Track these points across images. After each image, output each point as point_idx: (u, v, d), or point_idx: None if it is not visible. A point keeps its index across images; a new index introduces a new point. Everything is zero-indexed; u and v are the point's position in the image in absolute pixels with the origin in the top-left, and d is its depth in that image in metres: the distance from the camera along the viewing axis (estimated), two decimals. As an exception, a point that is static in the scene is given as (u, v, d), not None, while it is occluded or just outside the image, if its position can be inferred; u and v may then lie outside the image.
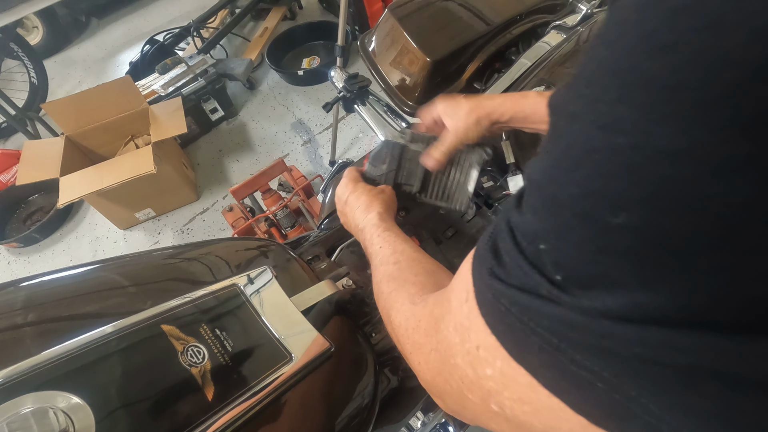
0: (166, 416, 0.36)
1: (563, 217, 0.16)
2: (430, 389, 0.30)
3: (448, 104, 0.58)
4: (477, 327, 0.21)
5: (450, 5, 0.85)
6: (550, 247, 0.16)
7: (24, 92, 2.22)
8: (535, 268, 0.17)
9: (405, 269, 0.41)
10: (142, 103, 1.78)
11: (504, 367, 0.19)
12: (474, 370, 0.22)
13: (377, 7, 2.25)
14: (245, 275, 0.48)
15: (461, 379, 0.23)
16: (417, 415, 0.69)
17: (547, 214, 0.17)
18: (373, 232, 0.50)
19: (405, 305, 0.35)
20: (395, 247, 0.45)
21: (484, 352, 0.21)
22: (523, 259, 0.17)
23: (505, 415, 0.21)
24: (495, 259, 0.19)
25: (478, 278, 0.21)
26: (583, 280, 0.15)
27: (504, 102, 0.55)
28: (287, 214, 1.48)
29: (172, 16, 3.04)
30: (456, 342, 0.23)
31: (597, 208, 0.14)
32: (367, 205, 0.54)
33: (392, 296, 0.38)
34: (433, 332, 0.27)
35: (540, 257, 0.17)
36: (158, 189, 1.74)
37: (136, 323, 0.40)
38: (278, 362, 0.41)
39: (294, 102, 2.25)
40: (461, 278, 0.24)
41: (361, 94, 0.80)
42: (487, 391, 0.21)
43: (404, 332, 0.33)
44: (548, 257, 0.16)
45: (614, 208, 0.14)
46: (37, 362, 0.35)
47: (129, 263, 0.49)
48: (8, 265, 1.85)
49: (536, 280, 0.17)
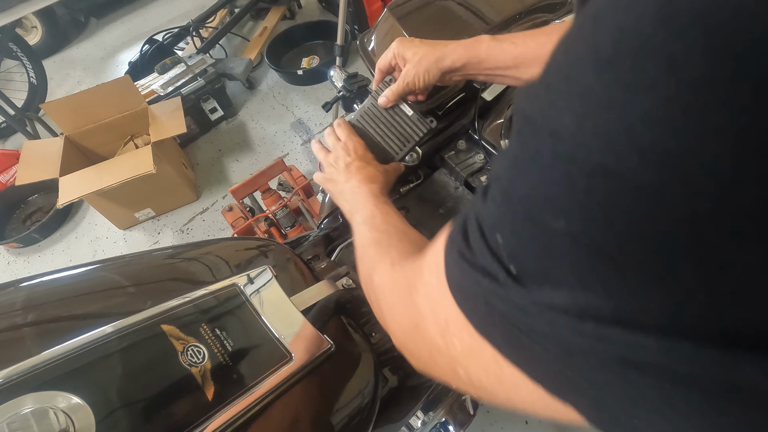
0: (166, 416, 0.36)
1: (516, 215, 0.16)
2: (401, 348, 0.32)
3: (403, 47, 0.58)
4: (445, 301, 0.22)
5: (449, 4, 0.85)
6: (505, 241, 0.17)
7: (23, 92, 2.21)
8: (494, 256, 0.18)
9: (393, 237, 0.43)
10: (142, 103, 1.78)
11: (470, 340, 0.21)
12: (443, 338, 0.23)
13: (376, 6, 2.24)
14: (245, 275, 0.48)
15: (432, 344, 0.25)
16: (417, 415, 0.69)
17: (504, 209, 0.17)
18: (368, 198, 0.51)
19: (386, 267, 0.37)
20: (387, 218, 0.47)
21: (453, 326, 0.22)
22: (485, 247, 0.18)
23: (470, 381, 0.23)
24: (464, 242, 0.20)
25: (449, 257, 0.22)
26: (532, 275, 0.16)
27: (457, 48, 0.54)
28: (287, 213, 1.48)
29: (172, 15, 3.03)
30: (427, 310, 0.25)
31: (541, 211, 0.15)
32: (372, 177, 0.55)
33: (375, 259, 0.40)
34: (406, 296, 0.29)
35: (498, 248, 0.18)
36: (158, 189, 1.74)
37: (136, 323, 0.40)
38: (278, 362, 0.41)
39: (293, 101, 2.25)
40: (435, 251, 0.25)
41: (360, 94, 0.80)
42: (454, 358, 0.23)
43: (381, 292, 0.35)
44: (504, 249, 0.17)
45: (555, 213, 0.14)
46: (37, 362, 0.35)
47: (129, 263, 0.49)
48: (8, 265, 1.85)
49: (495, 267, 0.18)
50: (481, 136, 0.79)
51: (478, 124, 0.80)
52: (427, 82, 0.57)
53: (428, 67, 0.56)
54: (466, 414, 0.77)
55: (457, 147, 0.82)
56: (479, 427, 1.22)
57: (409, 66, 0.57)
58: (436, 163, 0.83)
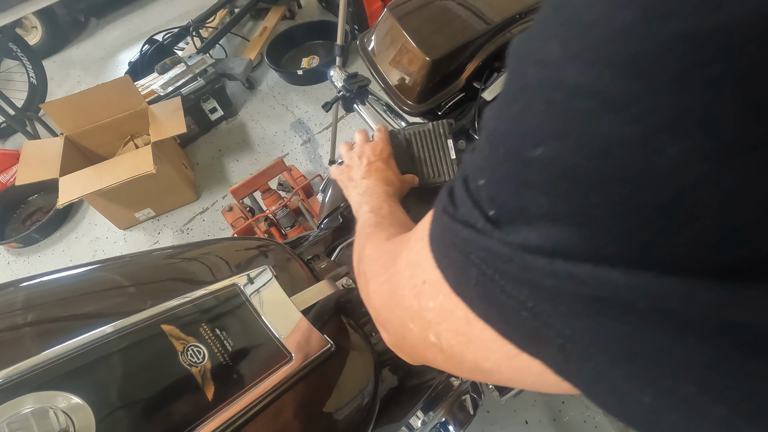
0: (167, 416, 0.36)
1: (498, 152, 0.17)
2: (376, 318, 0.33)
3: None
4: (425, 263, 0.23)
5: (449, 4, 0.85)
6: (486, 182, 0.17)
7: (23, 92, 2.21)
8: (475, 204, 0.18)
9: (394, 222, 0.44)
10: (142, 103, 1.78)
11: (444, 300, 0.21)
12: (418, 301, 0.24)
13: (376, 6, 2.24)
14: (245, 275, 0.48)
15: (406, 309, 0.25)
16: (417, 414, 0.69)
17: (488, 150, 0.18)
18: (380, 196, 0.53)
19: (380, 240, 0.38)
20: (393, 211, 0.48)
21: (429, 286, 0.23)
22: (467, 197, 0.19)
23: (440, 345, 0.23)
24: (449, 198, 0.20)
25: (434, 217, 0.23)
26: (509, 214, 0.16)
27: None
28: (287, 213, 1.48)
29: (171, 15, 3.03)
30: (406, 276, 0.26)
31: (522, 142, 0.15)
32: (390, 180, 0.58)
33: (372, 235, 0.41)
34: (390, 265, 0.29)
35: (479, 193, 0.18)
36: (158, 189, 1.74)
37: (136, 323, 0.40)
38: (278, 362, 0.41)
39: (293, 101, 2.25)
40: (425, 219, 0.26)
41: (360, 94, 0.80)
42: (427, 321, 0.23)
43: (368, 261, 0.36)
44: (485, 192, 0.18)
45: (534, 141, 0.15)
46: (37, 362, 0.35)
47: (129, 263, 0.49)
48: (8, 266, 1.85)
49: (475, 215, 0.18)
50: (481, 136, 0.79)
51: (478, 124, 0.80)
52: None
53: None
54: (466, 414, 0.77)
55: (457, 147, 0.82)
56: (479, 427, 1.22)
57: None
58: (436, 163, 0.83)
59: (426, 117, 0.88)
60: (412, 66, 0.81)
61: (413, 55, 0.80)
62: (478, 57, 0.84)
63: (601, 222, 0.13)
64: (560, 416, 1.22)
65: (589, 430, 1.20)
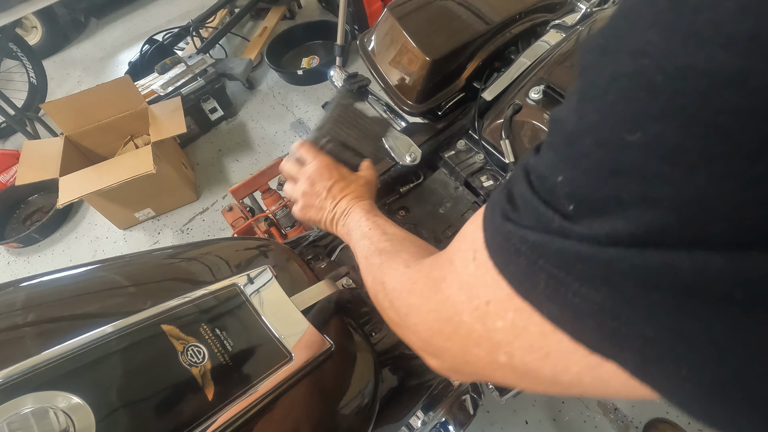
0: (167, 416, 0.36)
1: (582, 144, 0.16)
2: (426, 348, 0.31)
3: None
4: (486, 282, 0.22)
5: (449, 4, 0.85)
6: (565, 178, 0.17)
7: (23, 92, 2.21)
8: (548, 204, 0.18)
9: (397, 244, 0.42)
10: (142, 103, 1.78)
11: (515, 317, 0.20)
12: (483, 324, 0.23)
13: (376, 6, 2.24)
14: (245, 275, 0.48)
15: (468, 334, 0.24)
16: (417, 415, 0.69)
17: (566, 146, 0.17)
18: (362, 216, 0.49)
19: (399, 269, 0.36)
20: (385, 229, 0.46)
21: (495, 306, 0.22)
22: (536, 198, 0.18)
23: (513, 364, 0.22)
24: (509, 204, 0.20)
25: (490, 224, 0.22)
26: (593, 205, 0.16)
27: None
28: (287, 213, 1.48)
29: (172, 15, 3.03)
30: (462, 300, 0.24)
31: (615, 130, 0.15)
32: (359, 193, 0.54)
33: (385, 264, 0.38)
34: (432, 293, 0.28)
35: (554, 192, 0.17)
36: (158, 189, 1.74)
37: (136, 323, 0.40)
38: (278, 362, 0.41)
39: (293, 101, 2.25)
40: (465, 238, 0.25)
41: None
42: (496, 343, 0.22)
43: (398, 295, 0.33)
44: (562, 189, 0.17)
45: (632, 127, 0.14)
46: (37, 362, 0.35)
47: (129, 263, 0.49)
48: (8, 266, 1.85)
49: (548, 216, 0.17)
50: (481, 136, 0.79)
51: (478, 124, 0.80)
52: None
53: None
54: (466, 414, 0.77)
55: (457, 147, 0.82)
56: (479, 427, 1.22)
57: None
58: (436, 163, 0.83)
59: (426, 117, 0.88)
60: (412, 66, 0.81)
61: (413, 55, 0.80)
62: (479, 57, 0.84)
63: (706, 201, 0.13)
64: (560, 416, 1.22)
65: (589, 430, 1.20)
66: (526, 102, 0.73)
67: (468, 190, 0.78)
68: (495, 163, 0.77)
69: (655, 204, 0.14)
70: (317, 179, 0.55)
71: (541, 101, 0.72)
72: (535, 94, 0.72)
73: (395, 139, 0.74)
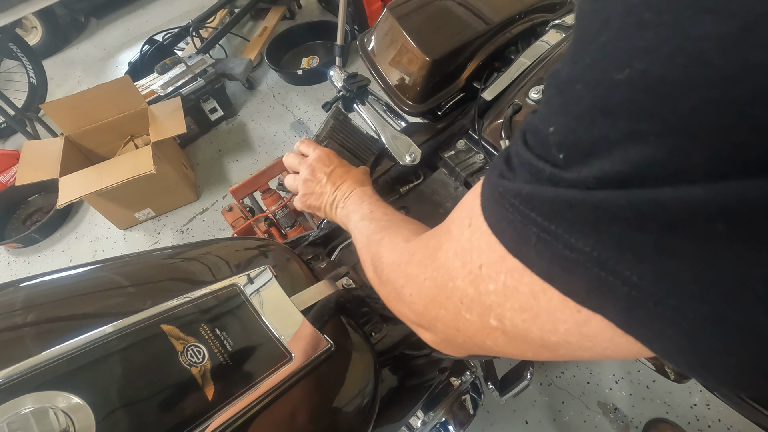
0: (167, 416, 0.36)
1: (573, 90, 0.16)
2: (420, 320, 0.31)
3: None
4: (480, 246, 0.22)
5: (449, 4, 0.85)
6: (556, 127, 0.17)
7: (23, 92, 2.21)
8: (539, 156, 0.18)
9: (397, 222, 0.42)
10: (142, 103, 1.78)
11: (507, 278, 0.21)
12: (476, 288, 0.23)
13: (376, 6, 2.24)
14: (245, 275, 0.48)
15: (460, 299, 0.25)
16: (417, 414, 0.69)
17: (559, 96, 0.17)
18: (363, 198, 0.50)
19: (399, 244, 0.36)
20: (386, 210, 0.47)
21: (487, 268, 0.22)
22: (530, 154, 0.18)
23: (503, 327, 0.23)
24: (506, 164, 0.20)
25: (487, 186, 0.22)
26: (583, 150, 0.16)
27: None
28: (287, 213, 1.48)
29: (171, 16, 3.03)
30: (456, 266, 0.25)
31: (605, 70, 0.15)
32: (360, 179, 0.55)
33: (385, 240, 0.39)
34: (429, 262, 0.29)
35: (546, 143, 0.18)
36: (158, 189, 1.74)
37: (136, 323, 0.40)
38: (278, 362, 0.41)
39: (293, 102, 2.25)
40: (464, 206, 0.26)
41: (360, 94, 0.80)
42: (488, 306, 0.23)
43: (396, 267, 0.34)
44: (554, 139, 0.17)
45: (620, 64, 0.14)
46: (37, 362, 0.35)
47: (129, 263, 0.49)
48: (8, 266, 1.85)
49: (539, 167, 0.18)
50: (481, 136, 0.79)
51: (478, 124, 0.80)
52: None
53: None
54: (466, 414, 0.77)
55: (457, 147, 0.82)
56: (479, 427, 1.22)
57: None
58: (436, 163, 0.83)
59: (426, 117, 0.88)
60: (411, 66, 0.81)
61: (413, 55, 0.80)
62: (478, 57, 0.84)
63: (688, 130, 0.13)
64: (560, 416, 1.22)
65: (589, 430, 1.20)
66: (526, 102, 0.73)
67: (468, 189, 0.78)
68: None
69: (641, 139, 0.14)
70: (318, 167, 0.57)
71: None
72: (535, 94, 0.72)
73: (395, 139, 0.74)
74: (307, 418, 0.42)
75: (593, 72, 0.16)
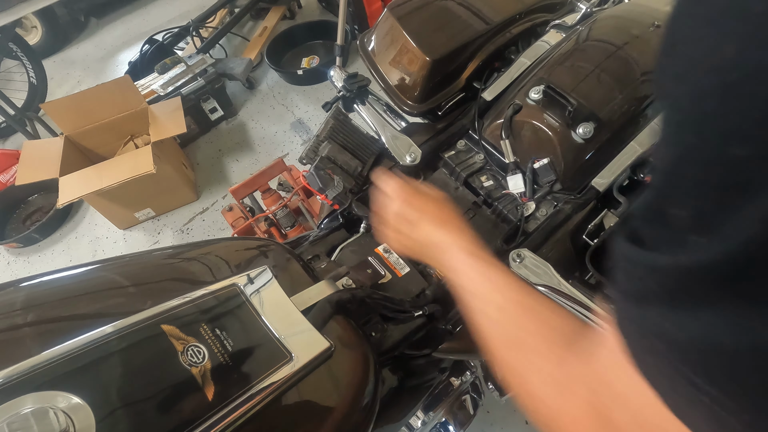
0: (167, 416, 0.36)
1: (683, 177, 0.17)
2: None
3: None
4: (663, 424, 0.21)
5: (449, 4, 0.85)
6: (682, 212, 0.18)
7: (23, 92, 2.21)
8: (671, 239, 0.19)
9: (525, 323, 0.35)
10: (142, 103, 1.78)
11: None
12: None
13: (376, 6, 2.24)
14: (245, 275, 0.48)
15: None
16: (417, 415, 0.69)
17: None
18: (456, 255, 0.43)
19: (545, 370, 0.31)
20: (496, 284, 0.38)
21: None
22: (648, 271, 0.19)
23: None
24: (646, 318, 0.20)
25: (635, 343, 0.22)
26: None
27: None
28: (287, 213, 1.48)
29: (171, 15, 3.03)
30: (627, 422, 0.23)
31: (723, 140, 0.15)
32: (444, 221, 0.47)
33: (522, 359, 0.34)
34: (601, 427, 0.26)
35: (676, 222, 0.18)
36: (158, 189, 1.74)
37: (136, 323, 0.40)
38: (278, 362, 0.41)
39: (293, 101, 2.25)
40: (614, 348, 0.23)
41: (360, 94, 0.80)
42: None
43: (547, 398, 0.30)
44: (684, 222, 0.18)
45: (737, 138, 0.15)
46: (37, 362, 0.35)
47: (129, 263, 0.49)
48: (8, 266, 1.85)
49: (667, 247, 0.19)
50: (481, 136, 0.79)
51: (478, 124, 0.80)
52: None
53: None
54: (466, 414, 0.77)
55: (457, 147, 0.82)
56: (479, 427, 1.22)
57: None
58: (436, 163, 0.83)
59: (426, 117, 0.88)
60: (412, 66, 0.81)
61: (413, 55, 0.80)
62: (479, 57, 0.84)
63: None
64: (560, 416, 1.22)
65: None
66: (526, 102, 0.73)
67: (468, 190, 0.78)
68: (495, 163, 0.77)
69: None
70: (409, 211, 0.50)
71: (541, 101, 0.72)
72: (535, 94, 0.72)
73: (395, 139, 0.74)
74: (307, 418, 0.42)
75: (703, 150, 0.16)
